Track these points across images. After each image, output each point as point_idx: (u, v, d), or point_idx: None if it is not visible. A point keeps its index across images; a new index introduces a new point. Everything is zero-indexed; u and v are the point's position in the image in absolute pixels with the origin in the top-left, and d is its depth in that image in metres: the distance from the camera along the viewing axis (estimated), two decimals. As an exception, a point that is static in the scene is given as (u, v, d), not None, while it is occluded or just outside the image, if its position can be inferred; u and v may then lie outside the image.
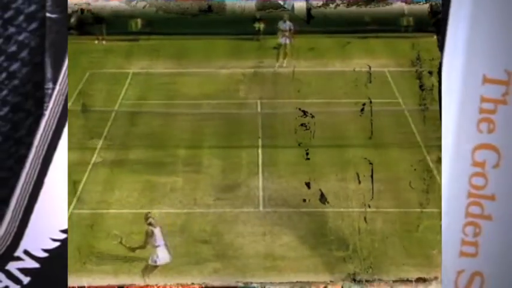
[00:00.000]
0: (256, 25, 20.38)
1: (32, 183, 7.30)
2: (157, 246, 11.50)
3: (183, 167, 14.65)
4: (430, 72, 15.46)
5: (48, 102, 7.15)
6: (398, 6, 19.66)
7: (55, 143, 7.41)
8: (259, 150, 15.16)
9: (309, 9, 19.84)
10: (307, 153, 14.44)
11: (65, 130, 7.55)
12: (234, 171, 14.45)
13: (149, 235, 11.53)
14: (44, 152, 7.26)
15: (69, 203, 12.86)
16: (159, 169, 14.52)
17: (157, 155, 15.07)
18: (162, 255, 11.50)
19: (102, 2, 20.27)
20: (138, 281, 11.39)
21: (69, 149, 14.26)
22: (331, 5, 19.19)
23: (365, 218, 12.74)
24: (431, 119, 15.12)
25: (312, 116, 15.21)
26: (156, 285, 11.10)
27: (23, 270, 7.59)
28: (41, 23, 7.22)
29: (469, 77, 9.30)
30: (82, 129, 15.62)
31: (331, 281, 11.46)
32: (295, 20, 19.84)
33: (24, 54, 7.27)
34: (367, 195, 13.32)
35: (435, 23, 18.68)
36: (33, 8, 7.34)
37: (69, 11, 11.21)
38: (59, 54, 7.32)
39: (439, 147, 14.11)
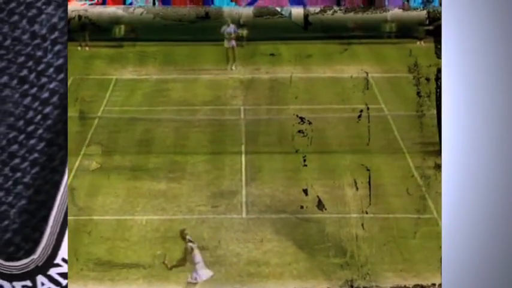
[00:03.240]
0: (240, 31, 20.36)
1: (66, 203, 8.78)
2: (197, 263, 11.32)
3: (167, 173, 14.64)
4: (428, 79, 15.49)
5: (76, 137, 9.00)
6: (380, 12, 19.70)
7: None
8: (242, 157, 15.16)
9: (306, 16, 19.86)
10: (304, 160, 14.44)
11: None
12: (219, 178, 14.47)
13: (188, 252, 11.35)
14: (74, 178, 9.03)
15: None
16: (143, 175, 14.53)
17: (140, 161, 15.05)
18: (203, 272, 11.35)
19: (99, 9, 20.26)
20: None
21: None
22: (328, 12, 19.21)
23: (362, 225, 12.73)
24: (429, 125, 15.16)
25: (310, 123, 15.21)
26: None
27: (61, 275, 9.05)
28: (67, 73, 8.98)
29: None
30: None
31: (328, 288, 11.47)
32: (292, 27, 19.87)
33: (55, 99, 8.85)
34: (364, 201, 13.31)
35: (433, 30, 18.71)
36: (60, 61, 8.90)
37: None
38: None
39: (436, 154, 14.19)
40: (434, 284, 11.21)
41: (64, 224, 8.68)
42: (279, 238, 12.65)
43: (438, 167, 13.55)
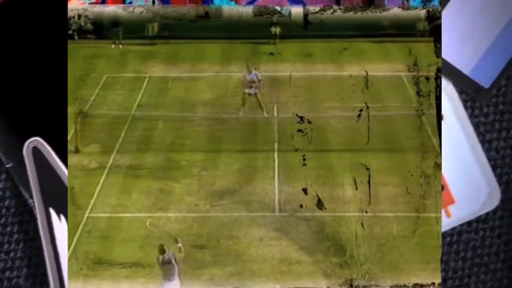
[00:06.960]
0: (273, 29, 20.40)
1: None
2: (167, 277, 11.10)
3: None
4: (427, 78, 15.49)
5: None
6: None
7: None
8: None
9: (306, 15, 19.88)
10: (304, 159, 14.45)
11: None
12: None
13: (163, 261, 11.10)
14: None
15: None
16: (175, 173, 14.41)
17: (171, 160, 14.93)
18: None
19: (99, 8, 20.27)
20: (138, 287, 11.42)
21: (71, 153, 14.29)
22: (328, 11, 19.24)
23: (362, 224, 12.74)
24: (428, 124, 15.16)
25: (309, 122, 15.21)
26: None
27: None
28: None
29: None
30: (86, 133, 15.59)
31: (328, 287, 11.45)
32: (292, 26, 19.89)
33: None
34: (364, 200, 13.32)
35: (433, 29, 18.75)
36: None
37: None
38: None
39: (435, 153, 14.20)
40: (433, 283, 11.21)
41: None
42: (278, 237, 12.66)
43: (438, 166, 13.56)
